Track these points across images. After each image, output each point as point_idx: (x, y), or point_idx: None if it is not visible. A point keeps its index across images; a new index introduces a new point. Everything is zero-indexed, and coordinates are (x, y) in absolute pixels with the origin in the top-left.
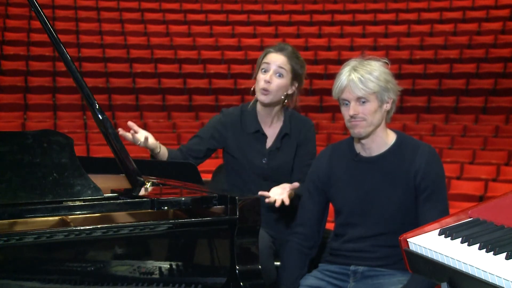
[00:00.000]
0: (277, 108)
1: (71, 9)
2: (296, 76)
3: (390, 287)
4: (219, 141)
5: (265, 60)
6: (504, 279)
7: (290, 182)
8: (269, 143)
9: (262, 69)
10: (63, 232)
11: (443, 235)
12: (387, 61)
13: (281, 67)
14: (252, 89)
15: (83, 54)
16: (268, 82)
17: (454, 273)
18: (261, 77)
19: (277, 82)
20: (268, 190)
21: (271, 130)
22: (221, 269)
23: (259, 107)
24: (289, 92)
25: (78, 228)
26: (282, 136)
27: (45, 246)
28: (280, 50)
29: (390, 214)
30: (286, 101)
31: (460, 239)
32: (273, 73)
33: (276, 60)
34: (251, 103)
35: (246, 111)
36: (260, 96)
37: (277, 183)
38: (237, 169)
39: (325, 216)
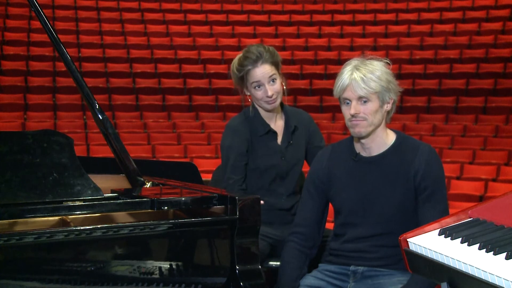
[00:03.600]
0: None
1: (71, 9)
2: (279, 67)
3: (390, 287)
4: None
5: (252, 79)
6: (504, 279)
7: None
8: (279, 140)
9: (254, 86)
10: (63, 232)
11: (443, 235)
12: (388, 61)
13: (271, 76)
14: (243, 97)
15: (83, 54)
16: (272, 95)
17: (454, 273)
18: (260, 94)
19: (276, 87)
20: (285, 190)
21: (277, 127)
22: (221, 269)
23: (261, 110)
24: (282, 81)
25: (78, 228)
26: (292, 130)
27: (45, 246)
28: (257, 61)
29: (390, 214)
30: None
31: (460, 239)
32: (267, 84)
33: (263, 73)
34: (250, 109)
35: (249, 117)
36: (267, 106)
37: (292, 180)
38: (252, 173)
39: (325, 216)
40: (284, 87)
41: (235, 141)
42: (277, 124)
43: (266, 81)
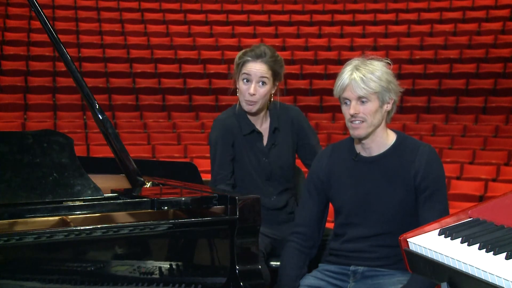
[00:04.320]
0: (264, 107)
1: (71, 9)
2: (277, 77)
3: (390, 287)
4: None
5: (245, 70)
6: (504, 279)
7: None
8: (264, 141)
9: (243, 79)
10: (63, 232)
11: (443, 235)
12: (389, 61)
13: (263, 76)
14: (233, 89)
15: (83, 54)
16: (253, 94)
17: (454, 273)
18: (244, 88)
19: (261, 91)
20: (273, 190)
21: (264, 128)
22: (221, 269)
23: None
24: (272, 92)
25: (78, 228)
26: (273, 131)
27: (45, 246)
28: (258, 57)
29: (390, 214)
30: (271, 100)
31: (460, 239)
32: (256, 83)
33: (257, 70)
34: (238, 106)
35: (236, 114)
36: (245, 107)
37: (280, 180)
38: (241, 172)
39: (325, 216)
40: (272, 99)
41: (222, 134)
42: (264, 125)
43: (255, 79)
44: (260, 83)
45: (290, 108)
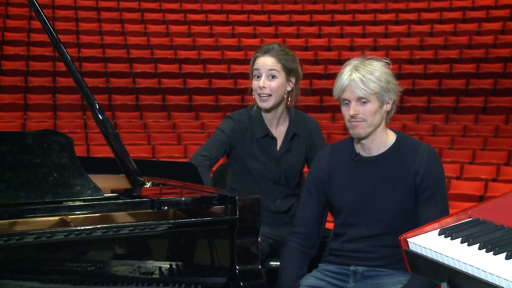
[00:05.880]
0: (281, 108)
1: (71, 9)
2: (290, 72)
3: (390, 287)
4: (230, 147)
5: (255, 66)
6: (504, 279)
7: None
8: (278, 145)
9: (255, 75)
10: (63, 232)
11: (443, 235)
12: (388, 61)
13: (271, 69)
14: (249, 89)
15: (83, 54)
16: (263, 87)
17: (454, 273)
18: (255, 84)
19: (272, 84)
20: (279, 194)
21: (279, 132)
22: (221, 269)
23: (263, 110)
24: (288, 89)
25: (78, 228)
26: (291, 137)
27: (45, 246)
28: (266, 52)
29: (390, 214)
30: (289, 98)
31: (460, 239)
32: (266, 77)
33: (265, 63)
34: (254, 108)
35: (251, 116)
36: (260, 103)
37: (287, 185)
38: (247, 174)
39: (325, 216)
40: (288, 97)
41: (228, 132)
42: (278, 129)
43: (265, 73)
44: (270, 76)
45: (308, 118)
